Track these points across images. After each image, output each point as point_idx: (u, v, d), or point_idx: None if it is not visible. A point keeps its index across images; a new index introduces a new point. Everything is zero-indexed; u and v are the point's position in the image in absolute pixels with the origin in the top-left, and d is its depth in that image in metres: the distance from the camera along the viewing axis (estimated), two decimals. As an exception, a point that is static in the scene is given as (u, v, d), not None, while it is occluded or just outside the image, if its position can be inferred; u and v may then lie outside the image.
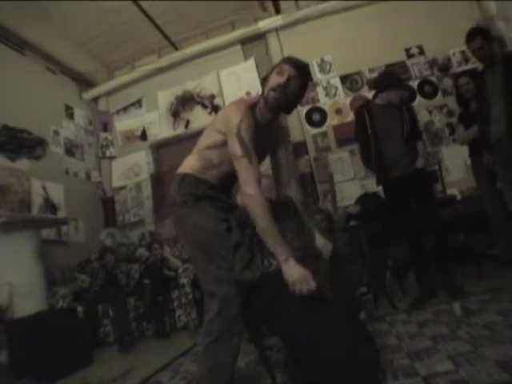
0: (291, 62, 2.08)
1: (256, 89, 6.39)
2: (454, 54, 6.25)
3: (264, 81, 2.14)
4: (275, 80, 2.04)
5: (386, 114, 3.73)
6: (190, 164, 2.16)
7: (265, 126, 2.15)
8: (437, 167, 4.94)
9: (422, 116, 5.99)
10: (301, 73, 2.07)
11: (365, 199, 4.99)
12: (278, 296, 1.85)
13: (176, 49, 7.39)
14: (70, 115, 7.13)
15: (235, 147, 1.95)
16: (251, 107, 2.11)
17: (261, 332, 2.04)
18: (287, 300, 1.82)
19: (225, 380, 1.98)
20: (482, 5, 6.11)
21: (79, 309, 4.69)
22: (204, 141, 2.18)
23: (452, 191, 5.26)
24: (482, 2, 6.10)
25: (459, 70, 6.06)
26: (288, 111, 2.18)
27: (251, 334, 2.07)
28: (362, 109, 3.92)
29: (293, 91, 2.05)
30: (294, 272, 1.80)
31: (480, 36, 3.53)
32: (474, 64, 5.66)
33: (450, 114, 6.02)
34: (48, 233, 5.66)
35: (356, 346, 1.84)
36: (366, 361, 1.88)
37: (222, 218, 2.01)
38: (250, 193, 1.90)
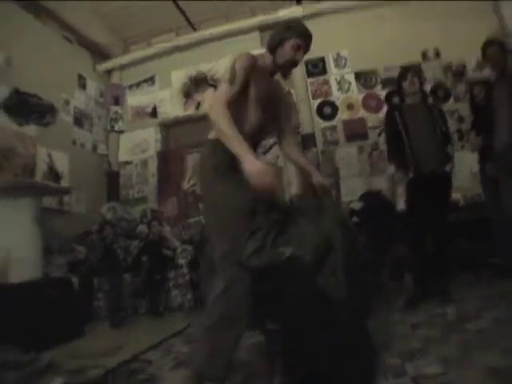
0: (306, 38, 2.27)
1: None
2: (469, 62, 6.24)
3: (277, 46, 2.23)
4: (292, 55, 2.22)
5: (416, 113, 3.79)
6: None
7: (267, 78, 2.27)
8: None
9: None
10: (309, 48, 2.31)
11: (369, 196, 4.99)
12: (284, 286, 1.83)
13: (194, 29, 7.36)
14: (83, 85, 7.11)
15: (225, 73, 2.07)
16: (254, 57, 2.17)
17: (261, 320, 2.03)
18: (293, 291, 1.82)
19: (223, 365, 1.92)
20: (501, 18, 6.13)
21: (74, 280, 4.69)
22: None
23: (456, 196, 5.25)
24: (502, 15, 6.13)
25: (473, 78, 6.05)
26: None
27: (251, 320, 2.05)
28: (393, 109, 4.02)
29: None
30: (254, 166, 1.82)
31: (496, 45, 3.70)
32: (488, 74, 5.66)
33: (461, 119, 6.01)
34: (50, 201, 5.68)
35: (356, 349, 1.86)
36: (364, 365, 1.89)
37: (249, 195, 1.95)
38: (213, 102, 1.99)
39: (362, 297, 2.07)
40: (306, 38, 2.25)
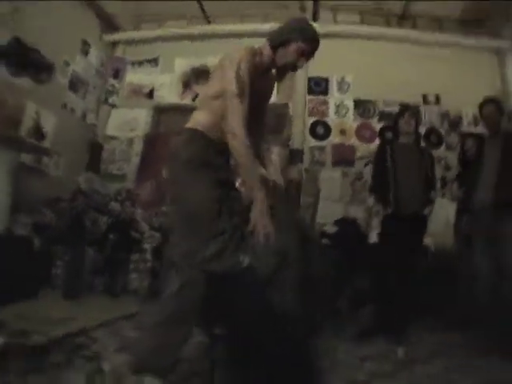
0: (313, 43, 2.18)
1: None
2: (466, 115, 6.38)
3: (280, 44, 2.16)
4: (294, 59, 2.14)
5: (407, 153, 3.87)
6: (200, 118, 2.07)
7: (262, 74, 2.19)
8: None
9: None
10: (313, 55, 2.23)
11: (344, 223, 5.03)
12: (239, 295, 1.82)
13: (208, 22, 7.37)
14: (85, 52, 6.99)
15: (231, 83, 1.95)
16: (254, 53, 2.13)
17: (209, 322, 2.01)
18: (248, 302, 1.81)
19: (167, 363, 1.92)
20: (504, 76, 6.32)
21: (37, 242, 4.59)
22: (211, 89, 2.14)
23: (428, 241, 5.32)
24: (506, 74, 6.33)
25: (467, 130, 6.17)
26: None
27: (200, 322, 2.03)
28: (385, 144, 4.14)
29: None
30: (262, 216, 1.85)
31: (493, 104, 3.80)
32: (482, 130, 5.83)
33: (447, 168, 6.09)
34: (28, 158, 5.55)
35: (305, 366, 1.86)
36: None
37: (218, 195, 1.92)
38: (237, 133, 1.89)
39: (313, 313, 2.08)
40: (312, 43, 2.16)
